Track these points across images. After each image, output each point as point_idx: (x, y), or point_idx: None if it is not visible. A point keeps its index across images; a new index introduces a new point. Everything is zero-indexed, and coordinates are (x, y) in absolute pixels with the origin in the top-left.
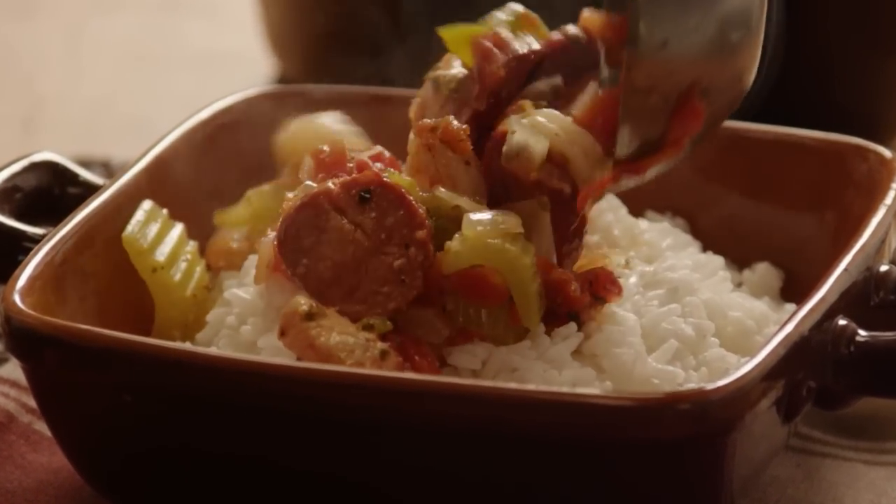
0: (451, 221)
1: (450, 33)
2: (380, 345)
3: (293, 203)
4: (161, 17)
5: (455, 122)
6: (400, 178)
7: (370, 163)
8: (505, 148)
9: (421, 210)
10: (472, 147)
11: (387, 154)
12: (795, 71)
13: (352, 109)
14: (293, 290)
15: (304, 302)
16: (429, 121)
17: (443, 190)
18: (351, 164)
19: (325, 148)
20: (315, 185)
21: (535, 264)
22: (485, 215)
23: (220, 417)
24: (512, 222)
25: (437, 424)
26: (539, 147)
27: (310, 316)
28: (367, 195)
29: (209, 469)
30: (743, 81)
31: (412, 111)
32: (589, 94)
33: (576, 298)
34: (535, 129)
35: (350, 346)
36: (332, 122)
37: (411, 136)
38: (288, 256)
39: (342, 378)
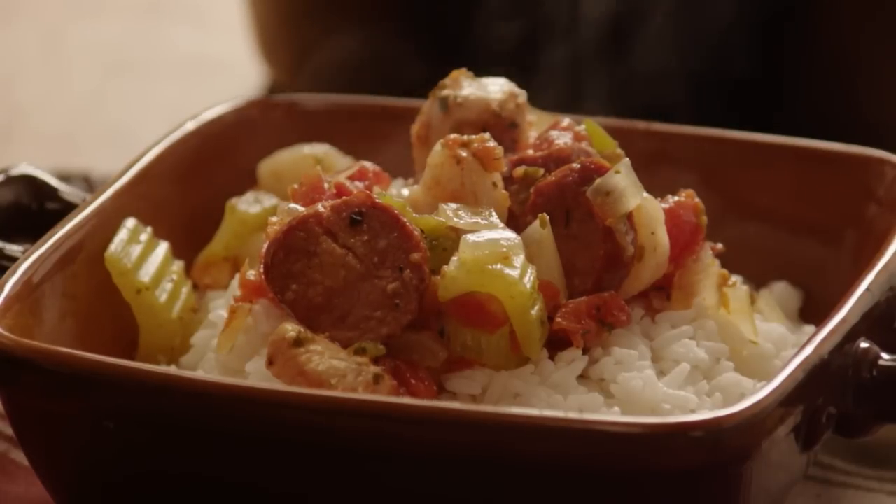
0: (450, 242)
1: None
2: (373, 368)
3: (279, 227)
4: (145, 22)
5: (492, 141)
6: (391, 199)
7: (348, 183)
8: (600, 181)
9: (416, 232)
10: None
11: (370, 168)
12: (821, 83)
13: (345, 119)
14: (280, 317)
15: (291, 328)
16: (457, 136)
17: (445, 206)
18: (328, 185)
19: (295, 186)
20: (300, 207)
21: (537, 289)
22: (483, 237)
23: (208, 445)
24: (512, 244)
25: (434, 451)
26: (632, 200)
27: (298, 342)
28: (359, 217)
29: (196, 500)
30: None
31: (415, 128)
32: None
33: (574, 333)
34: (637, 184)
35: (341, 371)
36: (315, 149)
37: (437, 147)
38: (276, 282)
39: (334, 403)
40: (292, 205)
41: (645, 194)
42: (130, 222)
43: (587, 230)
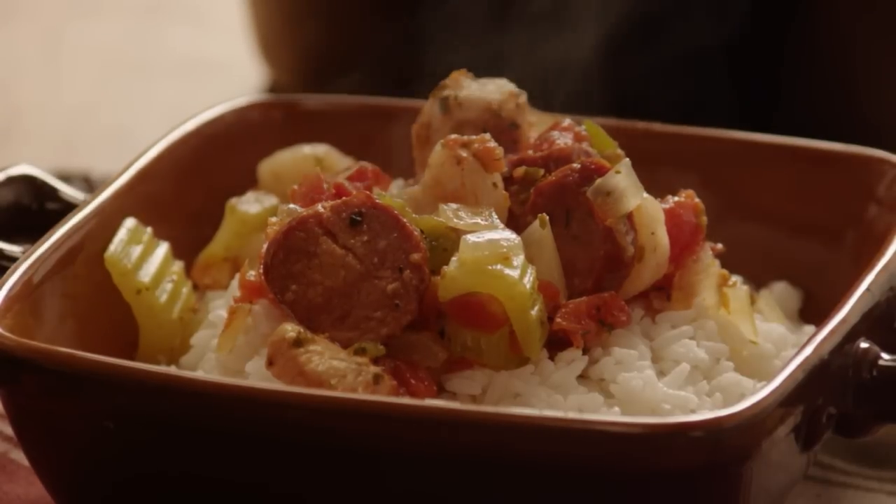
0: (450, 242)
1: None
2: (373, 368)
3: (279, 227)
4: (144, 23)
5: (492, 141)
6: (391, 199)
7: (347, 184)
8: (601, 181)
9: (416, 232)
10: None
11: (370, 168)
12: (821, 83)
13: (345, 119)
14: (280, 317)
15: (291, 328)
16: (457, 136)
17: (445, 206)
18: (327, 186)
19: (295, 186)
20: (298, 208)
21: (537, 289)
22: (483, 237)
23: (208, 444)
24: (512, 245)
25: (434, 451)
26: (633, 200)
27: (298, 342)
28: (359, 218)
29: (196, 500)
30: None
31: (415, 128)
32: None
33: (574, 333)
34: (637, 184)
35: (341, 371)
36: (315, 149)
37: (437, 147)
38: (275, 283)
39: (334, 403)
40: (292, 205)
41: (645, 194)
42: (130, 222)
43: (587, 230)
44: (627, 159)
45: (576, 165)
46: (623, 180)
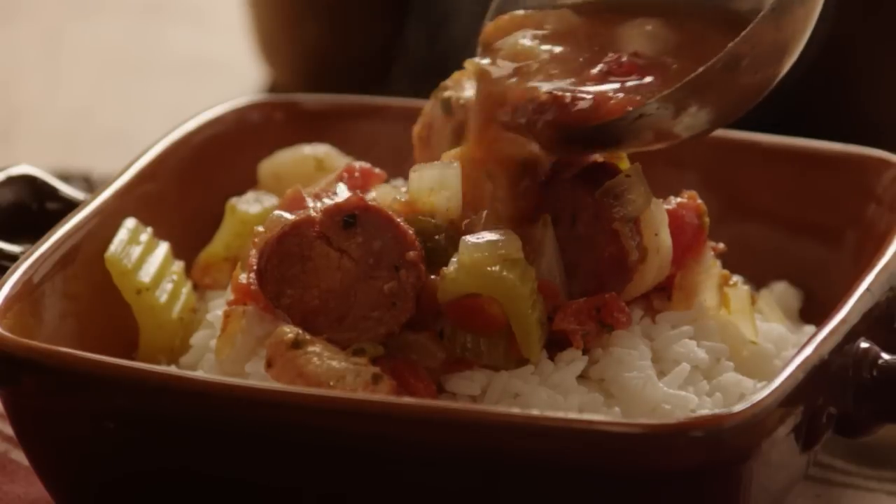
0: (448, 241)
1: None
2: (371, 369)
3: (271, 234)
4: (144, 23)
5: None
6: (384, 196)
7: (341, 187)
8: (610, 183)
9: (410, 231)
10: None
11: (358, 166)
12: (822, 81)
13: (345, 119)
14: (273, 321)
15: (289, 330)
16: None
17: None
18: (310, 199)
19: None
20: (286, 214)
21: (536, 291)
22: (483, 238)
23: (208, 445)
24: (511, 246)
25: (434, 451)
26: (642, 205)
27: (296, 344)
28: (352, 220)
29: (196, 500)
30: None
31: (416, 129)
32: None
33: (574, 333)
34: (647, 189)
35: (340, 372)
36: (315, 149)
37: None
38: (270, 288)
39: (334, 403)
40: (277, 212)
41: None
42: (130, 222)
43: (593, 232)
44: (637, 163)
45: (583, 166)
46: (634, 184)
